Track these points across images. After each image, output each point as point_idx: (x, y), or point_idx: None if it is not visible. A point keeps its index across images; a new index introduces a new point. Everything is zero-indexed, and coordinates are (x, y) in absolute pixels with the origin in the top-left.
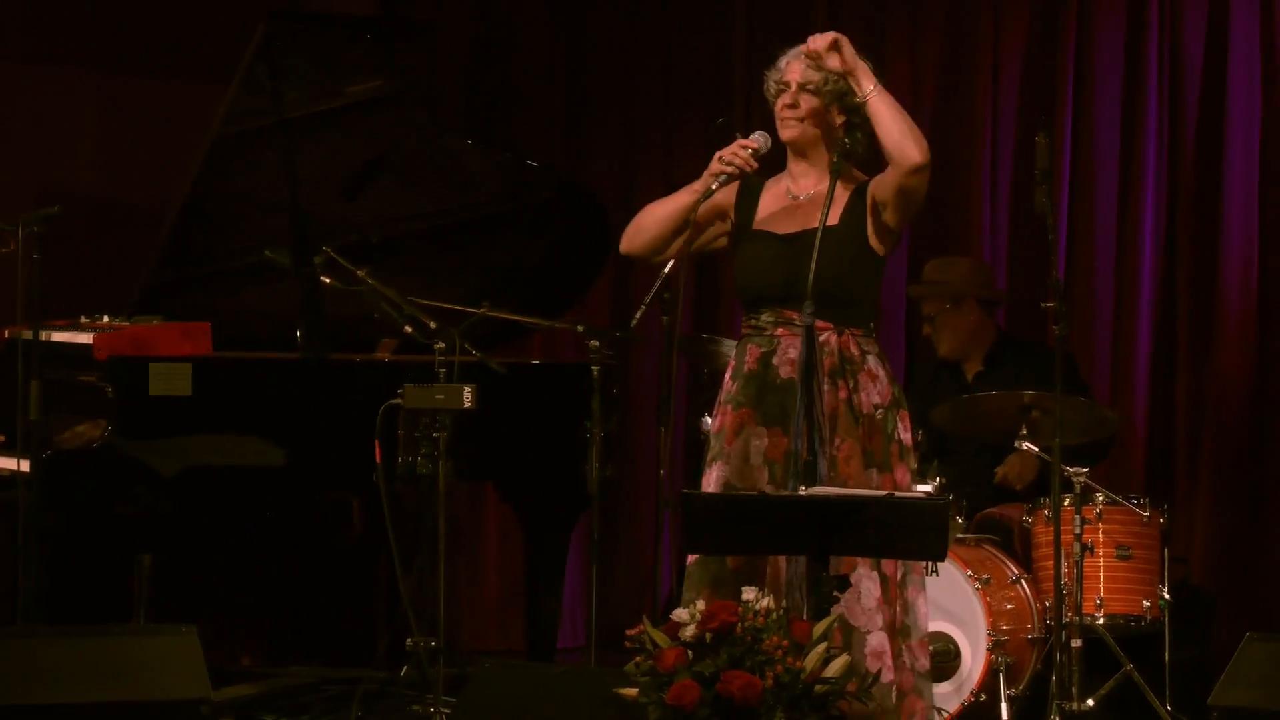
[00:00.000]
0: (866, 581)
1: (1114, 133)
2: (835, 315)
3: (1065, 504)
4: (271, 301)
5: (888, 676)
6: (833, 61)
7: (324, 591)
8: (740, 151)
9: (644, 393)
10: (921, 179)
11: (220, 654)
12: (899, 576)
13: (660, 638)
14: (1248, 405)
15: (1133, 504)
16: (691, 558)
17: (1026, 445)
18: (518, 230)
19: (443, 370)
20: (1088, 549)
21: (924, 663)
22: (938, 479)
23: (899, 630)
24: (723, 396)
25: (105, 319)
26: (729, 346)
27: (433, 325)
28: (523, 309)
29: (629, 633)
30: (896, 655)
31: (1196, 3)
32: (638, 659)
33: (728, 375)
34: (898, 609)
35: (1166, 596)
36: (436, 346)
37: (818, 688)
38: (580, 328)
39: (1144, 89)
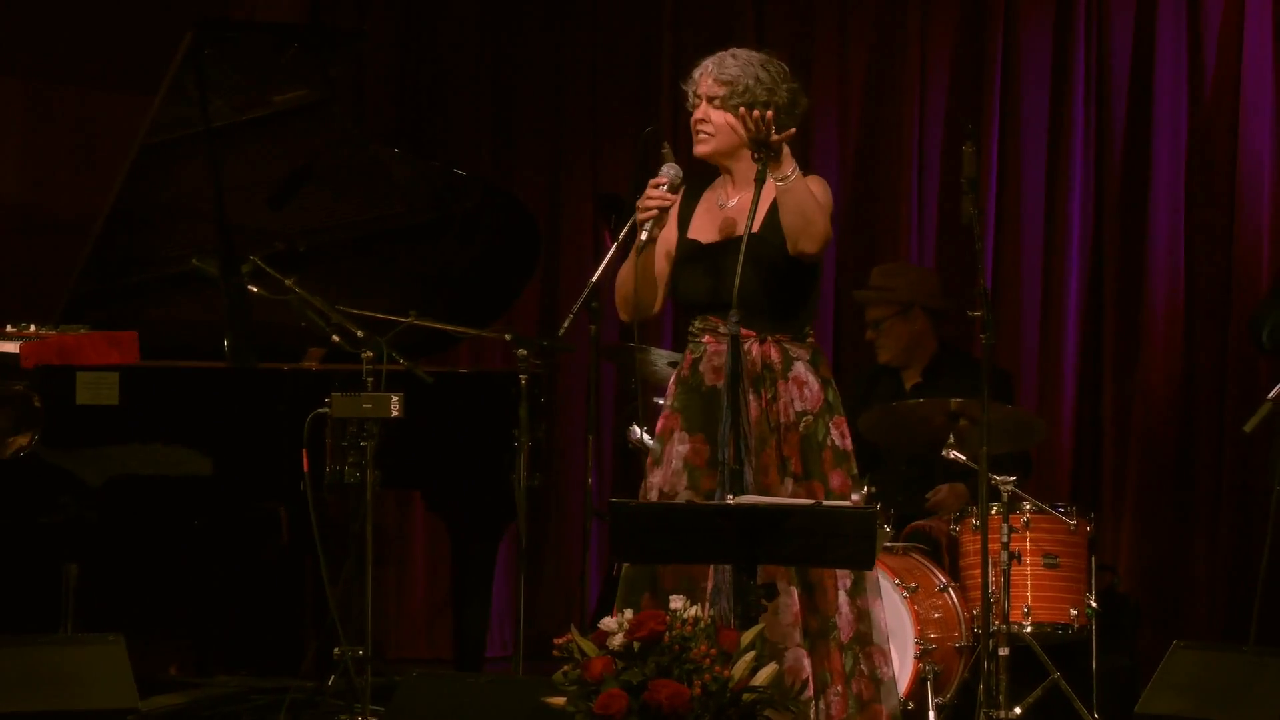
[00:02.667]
0: (783, 596)
1: (1041, 141)
2: (758, 323)
3: (993, 512)
4: (198, 310)
5: (807, 692)
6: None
7: (252, 601)
8: (653, 193)
9: (572, 402)
10: (811, 259)
11: (148, 664)
12: (847, 584)
13: (588, 646)
14: (1173, 414)
15: (1059, 513)
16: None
17: (953, 454)
18: (445, 239)
19: (370, 379)
20: (1015, 557)
21: (886, 671)
22: (866, 488)
23: (855, 638)
24: (665, 402)
25: (32, 328)
26: (658, 355)
27: (360, 334)
28: (450, 318)
29: (557, 641)
30: (852, 664)
31: (1123, 12)
32: (565, 668)
33: (672, 380)
34: (848, 617)
35: (1093, 605)
36: (364, 355)
37: (745, 696)
38: (508, 336)
39: (1071, 98)
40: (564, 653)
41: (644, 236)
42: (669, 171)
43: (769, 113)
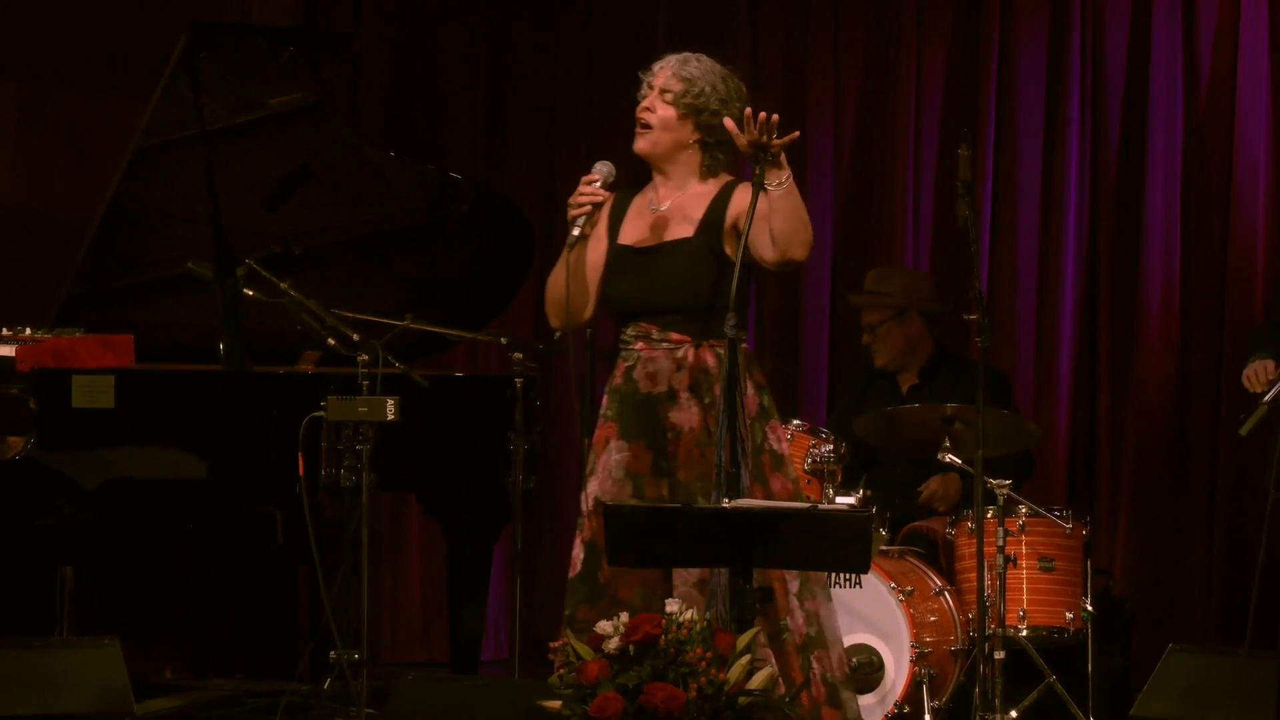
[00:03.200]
0: None
1: (1036, 144)
2: (693, 328)
3: (988, 516)
4: (193, 313)
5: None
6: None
7: (247, 604)
8: (584, 189)
9: (567, 404)
10: (796, 266)
11: (143, 667)
12: (795, 588)
13: (584, 650)
14: (1169, 417)
15: (1055, 516)
16: (572, 571)
17: (949, 457)
18: (440, 242)
19: (366, 382)
20: (1010, 561)
21: (838, 673)
22: (863, 491)
23: (805, 643)
24: (600, 410)
25: (27, 331)
26: None
27: (356, 337)
28: (446, 321)
29: (552, 645)
30: (805, 668)
31: (1118, 15)
32: (561, 671)
33: (607, 387)
34: (799, 621)
35: (1089, 608)
36: (359, 359)
37: (741, 699)
38: (503, 339)
39: (1066, 101)
40: (559, 656)
41: (575, 233)
42: (602, 168)
43: (775, 116)
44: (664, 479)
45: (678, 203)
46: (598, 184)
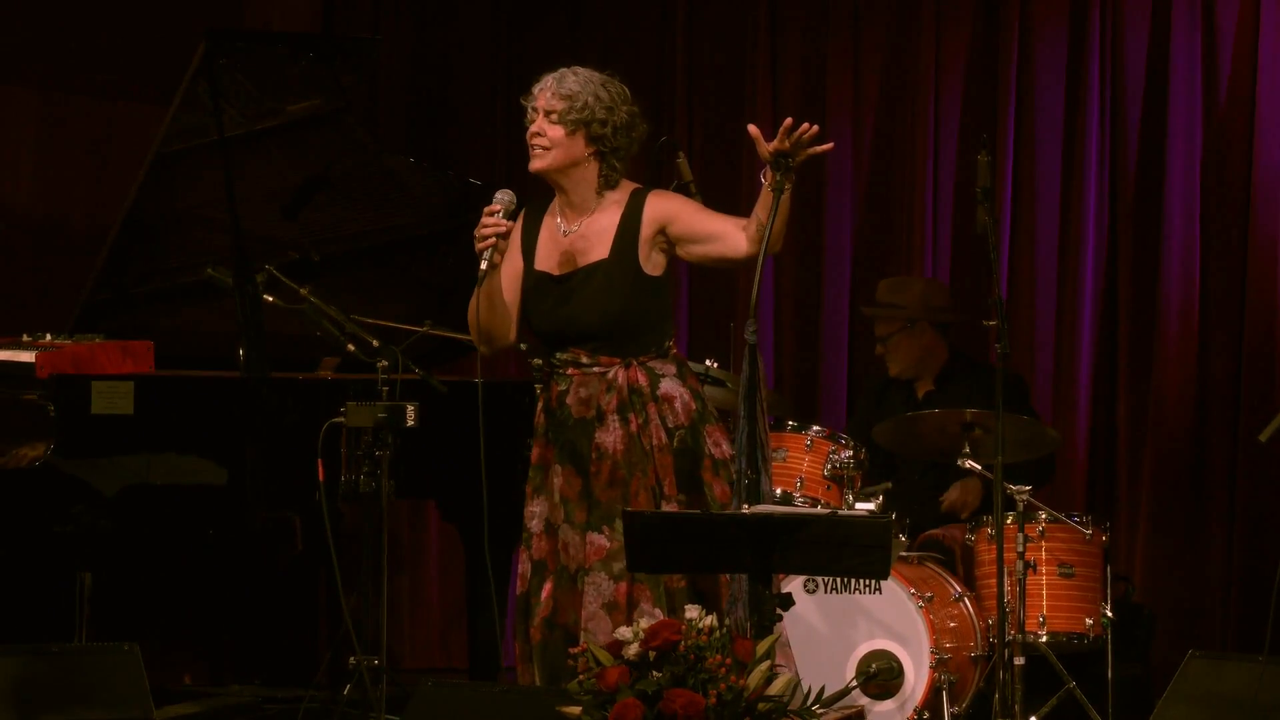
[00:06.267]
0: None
1: (1055, 151)
2: (620, 349)
3: (1008, 522)
4: (213, 320)
5: None
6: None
7: (266, 610)
8: (488, 220)
9: None
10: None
11: (162, 673)
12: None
13: (603, 656)
14: (1188, 423)
15: (1075, 522)
16: (519, 587)
17: (969, 463)
18: (460, 248)
19: (385, 388)
20: (1030, 567)
21: (786, 670)
22: (880, 497)
23: None
24: (536, 428)
25: (47, 337)
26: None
27: (375, 343)
28: (465, 327)
29: (572, 651)
30: None
31: (1138, 21)
32: (580, 677)
33: (539, 406)
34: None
35: (1109, 614)
36: (379, 365)
37: (760, 705)
38: (523, 345)
39: (1085, 107)
40: (579, 662)
41: (484, 266)
42: (503, 197)
43: (814, 128)
44: (587, 502)
45: (587, 223)
46: (500, 214)
